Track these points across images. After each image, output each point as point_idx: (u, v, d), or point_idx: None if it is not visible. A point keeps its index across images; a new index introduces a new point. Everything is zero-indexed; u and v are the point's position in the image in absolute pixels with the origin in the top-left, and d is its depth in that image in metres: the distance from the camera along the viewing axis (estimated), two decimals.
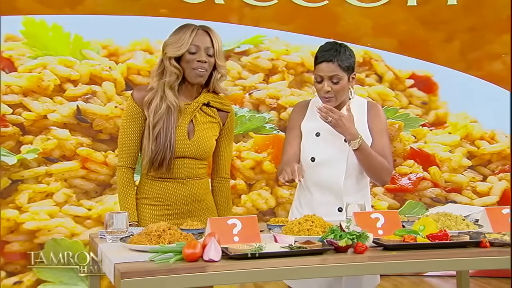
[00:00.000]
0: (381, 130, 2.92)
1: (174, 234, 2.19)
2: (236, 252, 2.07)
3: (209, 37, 2.79)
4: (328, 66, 2.78)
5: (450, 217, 2.46)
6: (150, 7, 4.78)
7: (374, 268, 2.13)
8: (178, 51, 2.73)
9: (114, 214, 2.36)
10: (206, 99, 2.80)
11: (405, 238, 2.22)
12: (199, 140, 2.78)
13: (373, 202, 5.09)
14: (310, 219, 2.36)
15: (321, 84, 2.81)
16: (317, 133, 2.87)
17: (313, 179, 2.88)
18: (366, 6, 5.09)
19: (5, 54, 4.65)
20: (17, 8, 4.65)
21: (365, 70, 5.16)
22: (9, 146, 4.61)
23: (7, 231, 4.59)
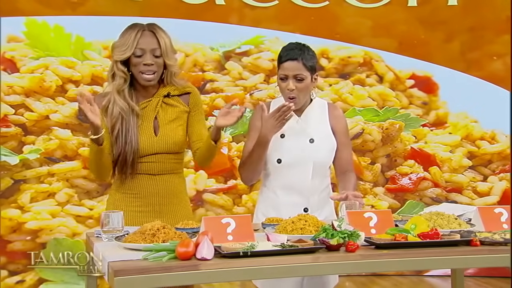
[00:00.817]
0: (346, 133, 2.98)
1: (168, 233, 2.22)
2: (228, 251, 2.10)
3: (155, 37, 2.74)
4: (293, 65, 2.82)
5: (443, 217, 2.48)
6: (151, 8, 4.81)
7: (365, 266, 2.16)
8: (123, 54, 2.70)
9: (110, 213, 2.39)
10: (165, 91, 2.80)
11: (396, 237, 2.24)
12: (166, 134, 2.78)
13: (373, 202, 5.13)
14: (304, 218, 2.38)
15: (285, 83, 2.83)
16: (282, 135, 2.88)
17: (280, 180, 2.89)
18: (366, 6, 5.11)
19: (7, 55, 4.69)
20: (19, 9, 4.69)
21: (365, 70, 5.18)
22: (11, 146, 4.65)
23: (9, 231, 4.63)
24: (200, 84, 4.89)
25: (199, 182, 4.82)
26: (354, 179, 2.93)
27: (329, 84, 5.12)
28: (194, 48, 4.91)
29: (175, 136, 2.79)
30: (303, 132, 2.89)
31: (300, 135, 2.88)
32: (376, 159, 5.15)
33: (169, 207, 2.81)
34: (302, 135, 2.88)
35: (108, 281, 2.06)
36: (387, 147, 5.15)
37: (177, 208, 2.83)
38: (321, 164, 2.88)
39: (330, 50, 5.11)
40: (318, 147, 2.88)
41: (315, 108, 2.93)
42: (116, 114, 2.74)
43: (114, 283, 1.95)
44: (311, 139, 2.88)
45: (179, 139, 2.80)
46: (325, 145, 2.90)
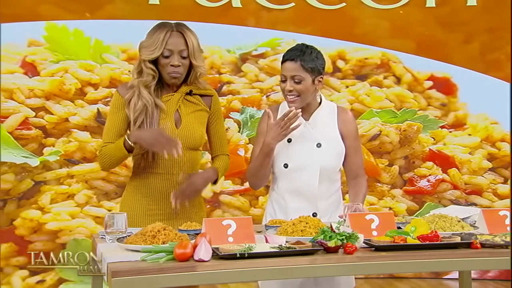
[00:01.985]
0: (356, 137, 2.94)
1: (168, 234, 2.25)
2: (225, 252, 2.12)
3: (184, 38, 2.79)
4: (290, 65, 2.80)
5: (445, 219, 2.47)
6: (168, 11, 4.86)
7: (363, 268, 2.17)
8: (151, 54, 2.76)
9: (114, 214, 2.43)
10: (187, 89, 2.85)
11: (395, 239, 2.25)
12: (187, 127, 2.83)
13: (391, 204, 5.11)
14: (305, 220, 2.40)
15: (284, 84, 2.83)
16: (289, 139, 2.86)
17: (287, 185, 2.89)
18: (383, 7, 5.09)
19: (28, 58, 4.79)
20: (40, 14, 4.78)
21: (382, 72, 5.16)
22: (32, 148, 4.74)
23: (30, 231, 4.71)
24: (217, 86, 4.92)
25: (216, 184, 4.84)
26: (365, 187, 2.92)
27: (346, 85, 5.11)
28: (211, 51, 4.95)
29: (195, 131, 2.85)
30: (310, 136, 2.87)
31: (307, 139, 2.86)
32: (394, 161, 5.12)
33: (184, 208, 2.84)
34: (309, 140, 2.86)
35: (107, 281, 2.10)
36: (405, 149, 5.12)
37: (192, 209, 2.87)
38: (328, 169, 2.86)
39: (347, 51, 5.10)
40: (325, 151, 2.86)
41: (323, 112, 2.91)
42: (140, 106, 2.79)
43: (112, 283, 1.99)
44: (318, 144, 2.86)
45: (199, 134, 2.87)
46: (332, 150, 2.88)
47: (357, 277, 5.03)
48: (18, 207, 4.72)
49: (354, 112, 5.07)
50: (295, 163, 2.85)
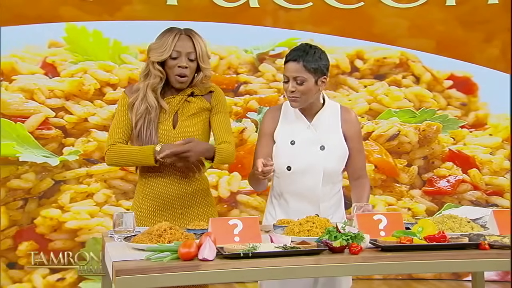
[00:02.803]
0: (359, 138, 2.92)
1: (174, 233, 2.26)
2: (229, 252, 2.13)
3: (192, 41, 2.85)
4: (292, 66, 2.78)
5: (455, 219, 2.45)
6: (186, 12, 4.88)
7: (368, 269, 2.15)
8: (160, 56, 2.81)
9: (122, 214, 2.45)
10: (189, 91, 2.88)
11: (401, 239, 2.23)
12: (183, 128, 2.85)
13: (410, 204, 5.07)
14: (312, 220, 2.39)
15: (287, 84, 2.81)
16: (292, 141, 2.84)
17: (289, 187, 2.87)
18: (402, 6, 5.05)
19: (48, 59, 4.84)
20: (60, 16, 4.83)
21: (401, 71, 5.13)
22: (52, 148, 4.80)
23: (50, 230, 4.77)
24: (234, 86, 4.94)
25: (233, 184, 4.86)
26: (368, 188, 2.90)
27: (364, 85, 5.09)
28: (228, 51, 4.97)
29: (192, 131, 2.86)
30: (313, 139, 2.84)
31: (311, 142, 2.83)
32: (413, 161, 5.08)
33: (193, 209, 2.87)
34: (312, 142, 2.83)
35: (112, 280, 2.12)
36: (424, 149, 5.08)
37: (202, 208, 2.89)
38: (332, 171, 2.84)
39: (365, 51, 5.08)
40: (329, 154, 2.83)
41: (326, 113, 2.88)
42: (142, 110, 2.84)
43: (116, 282, 2.01)
44: (322, 146, 2.83)
45: (197, 134, 2.87)
46: (336, 152, 2.85)
47: (376, 278, 5.02)
48: (39, 206, 4.78)
49: (372, 112, 5.10)
50: (299, 166, 2.83)
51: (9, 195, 4.74)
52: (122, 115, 2.89)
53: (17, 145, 4.69)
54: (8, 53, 4.79)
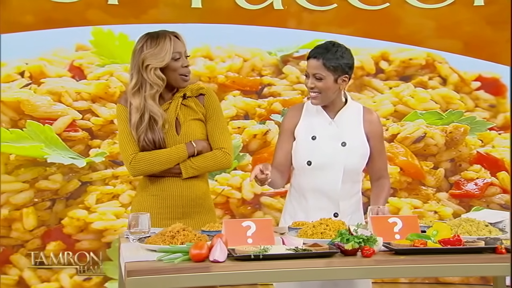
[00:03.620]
0: (381, 139, 2.93)
1: (187, 235, 2.28)
2: (240, 253, 2.13)
3: (181, 41, 2.91)
4: (313, 63, 2.83)
5: (472, 223, 2.42)
6: (210, 14, 4.91)
7: (380, 272, 2.14)
8: (163, 61, 2.84)
9: (138, 215, 2.48)
10: (181, 93, 2.91)
11: (415, 242, 2.21)
12: (187, 132, 2.89)
13: (436, 207, 5.01)
14: (325, 222, 2.39)
15: (307, 80, 2.84)
16: (313, 137, 2.85)
17: (309, 183, 2.87)
18: (429, 7, 5.00)
19: (76, 63, 4.91)
20: (87, 20, 4.90)
21: (427, 72, 5.07)
22: (79, 149, 4.86)
23: (77, 230, 4.83)
24: (257, 88, 4.95)
25: (256, 186, 4.84)
26: (387, 188, 2.89)
27: (389, 87, 5.04)
28: (252, 53, 4.97)
29: (195, 135, 2.91)
30: (335, 134, 2.86)
31: (332, 137, 2.85)
32: (439, 163, 5.02)
33: (193, 209, 2.89)
34: (334, 138, 2.85)
35: (124, 280, 2.14)
36: (451, 151, 5.02)
37: (201, 210, 2.91)
38: (352, 169, 2.84)
39: (390, 52, 5.03)
40: (350, 151, 2.84)
41: (349, 111, 2.90)
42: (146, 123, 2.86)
43: (126, 282, 2.03)
44: (343, 143, 2.85)
45: (199, 137, 2.90)
46: (357, 150, 2.86)
47: (401, 282, 4.97)
48: (66, 207, 4.85)
49: (398, 114, 5.05)
50: (319, 161, 2.84)
51: (38, 196, 4.82)
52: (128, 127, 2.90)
53: (45, 147, 4.76)
54: (36, 57, 4.87)
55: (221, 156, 2.91)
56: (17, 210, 4.74)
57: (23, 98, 4.75)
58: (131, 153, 2.88)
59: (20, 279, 4.73)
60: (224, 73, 4.93)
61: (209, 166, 2.91)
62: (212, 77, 4.92)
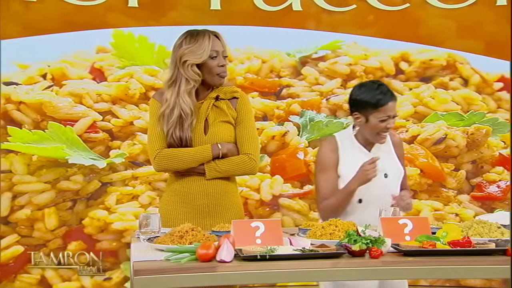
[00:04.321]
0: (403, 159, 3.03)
1: (196, 235, 2.29)
2: (247, 254, 2.14)
3: (220, 41, 2.98)
4: (393, 105, 3.04)
5: (484, 225, 2.39)
6: (230, 16, 4.92)
7: (387, 273, 2.13)
8: (200, 58, 2.91)
9: (149, 215, 2.50)
10: (214, 94, 2.92)
11: (424, 244, 2.19)
12: (214, 134, 2.92)
13: (457, 210, 4.95)
14: (334, 223, 2.38)
15: (385, 122, 2.96)
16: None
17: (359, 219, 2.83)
18: (450, 7, 4.95)
19: (96, 65, 4.96)
20: (107, 22, 4.95)
21: (448, 73, 5.02)
22: (99, 150, 4.91)
23: (97, 230, 4.87)
24: (276, 89, 4.95)
25: (275, 187, 4.86)
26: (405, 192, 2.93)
27: (409, 88, 5.01)
28: (270, 55, 4.98)
29: (223, 137, 2.93)
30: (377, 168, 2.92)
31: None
32: (461, 165, 4.97)
33: (218, 209, 2.90)
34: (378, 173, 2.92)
35: (131, 280, 2.16)
36: (472, 153, 4.96)
37: (227, 210, 2.92)
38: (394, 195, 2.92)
39: (410, 53, 5.00)
40: (392, 180, 2.99)
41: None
42: (175, 118, 2.90)
43: (134, 281, 2.05)
44: (386, 174, 2.95)
45: (227, 140, 2.92)
46: (397, 177, 3.02)
47: (422, 285, 4.92)
48: (87, 207, 4.89)
49: (418, 115, 5.01)
50: (369, 197, 2.95)
51: (59, 196, 4.87)
52: (157, 123, 2.98)
53: (66, 148, 4.81)
54: (58, 59, 4.93)
55: (247, 162, 2.95)
56: (39, 210, 4.79)
57: (45, 100, 4.81)
58: (157, 149, 2.95)
59: (42, 278, 4.79)
60: (243, 74, 4.94)
61: (233, 170, 2.96)
62: (230, 79, 4.92)
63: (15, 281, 4.73)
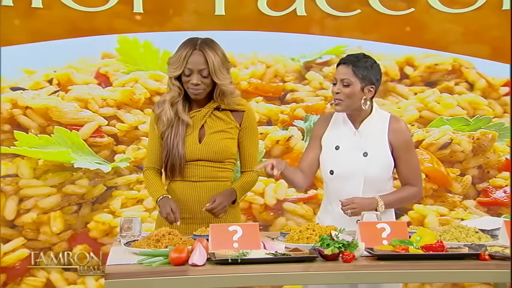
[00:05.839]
0: (407, 148, 2.91)
1: (173, 239, 2.31)
2: (219, 257, 2.15)
3: (204, 57, 2.86)
4: (342, 69, 2.87)
5: (462, 229, 2.37)
6: (234, 21, 4.94)
7: (359, 277, 2.12)
8: (175, 72, 2.89)
9: (130, 219, 2.53)
10: (216, 104, 2.91)
11: (396, 248, 2.18)
12: (209, 142, 2.92)
13: (463, 215, 4.90)
14: (312, 227, 2.38)
15: (335, 86, 2.85)
16: (337, 146, 2.91)
17: (333, 192, 2.93)
18: (455, 12, 4.92)
19: (101, 70, 5.02)
20: (113, 28, 5.00)
21: (454, 78, 4.99)
22: (104, 155, 4.96)
23: (102, 234, 4.92)
24: (280, 94, 4.95)
25: (279, 191, 4.87)
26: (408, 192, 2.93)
27: (414, 92, 4.97)
28: (275, 59, 4.98)
29: (218, 146, 2.93)
30: (357, 144, 2.91)
31: (355, 147, 2.90)
32: (466, 170, 4.92)
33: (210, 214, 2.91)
34: (356, 148, 2.90)
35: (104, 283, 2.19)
36: (478, 158, 4.91)
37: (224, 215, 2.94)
38: (373, 178, 2.88)
39: (415, 58, 4.97)
40: (371, 161, 2.89)
41: (374, 121, 2.94)
42: (166, 122, 2.94)
43: (105, 285, 2.07)
44: (365, 153, 2.90)
45: (223, 149, 2.94)
46: (379, 160, 2.90)
47: None
48: (92, 211, 4.95)
49: (423, 120, 4.97)
50: (341, 171, 2.91)
51: (64, 200, 4.93)
52: (154, 136, 3.01)
53: (72, 152, 4.87)
54: (64, 65, 4.99)
55: (256, 179, 3.07)
56: (45, 214, 4.85)
57: (51, 105, 4.87)
58: (146, 167, 3.06)
59: (47, 281, 4.85)
60: (247, 79, 4.96)
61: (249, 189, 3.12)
62: (235, 84, 4.93)
63: (21, 284, 4.80)
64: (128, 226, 2.50)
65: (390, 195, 2.87)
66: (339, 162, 2.91)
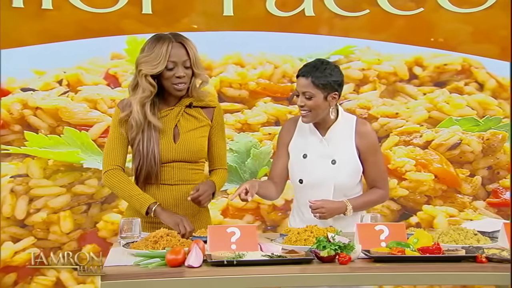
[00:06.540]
0: (373, 151, 2.89)
1: (171, 240, 2.32)
2: (215, 259, 2.15)
3: (185, 48, 2.81)
4: (302, 81, 2.84)
5: (461, 231, 2.36)
6: (242, 22, 4.94)
7: (355, 279, 2.12)
8: (155, 69, 2.77)
9: (129, 220, 2.54)
10: (187, 101, 2.86)
11: (393, 250, 2.17)
12: (185, 142, 2.85)
13: (473, 216, 4.87)
14: (310, 229, 2.38)
15: (297, 98, 2.84)
16: (304, 155, 2.88)
17: (303, 199, 2.92)
18: (465, 11, 4.88)
19: (111, 71, 5.04)
20: (122, 29, 5.02)
21: (463, 78, 4.95)
22: None
23: (111, 234, 4.95)
24: (288, 94, 4.95)
25: (287, 192, 4.83)
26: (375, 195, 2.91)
27: (423, 93, 4.95)
28: (283, 60, 4.98)
29: (194, 145, 2.88)
30: (325, 152, 2.88)
31: (323, 155, 2.88)
32: (476, 171, 4.89)
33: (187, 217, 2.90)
34: (324, 156, 2.88)
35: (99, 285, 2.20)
36: (488, 159, 4.87)
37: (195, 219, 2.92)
38: (342, 186, 2.86)
39: (424, 57, 4.94)
40: (340, 168, 2.86)
41: (340, 127, 2.90)
42: (135, 127, 2.83)
43: (101, 286, 2.08)
44: (333, 161, 2.87)
45: (198, 148, 2.89)
46: (347, 167, 2.88)
47: None
48: (101, 211, 4.98)
49: (432, 120, 4.94)
50: (310, 179, 2.89)
51: (74, 200, 4.97)
52: (118, 134, 2.87)
53: (81, 152, 4.90)
54: (74, 65, 5.02)
55: (226, 176, 3.02)
56: (55, 214, 4.89)
57: (61, 105, 4.90)
58: (109, 168, 2.87)
59: (57, 280, 4.90)
60: (255, 79, 4.96)
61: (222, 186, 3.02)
62: (243, 84, 4.96)
63: (31, 283, 4.85)
64: (128, 227, 2.51)
65: (359, 198, 2.85)
66: (308, 171, 2.90)
